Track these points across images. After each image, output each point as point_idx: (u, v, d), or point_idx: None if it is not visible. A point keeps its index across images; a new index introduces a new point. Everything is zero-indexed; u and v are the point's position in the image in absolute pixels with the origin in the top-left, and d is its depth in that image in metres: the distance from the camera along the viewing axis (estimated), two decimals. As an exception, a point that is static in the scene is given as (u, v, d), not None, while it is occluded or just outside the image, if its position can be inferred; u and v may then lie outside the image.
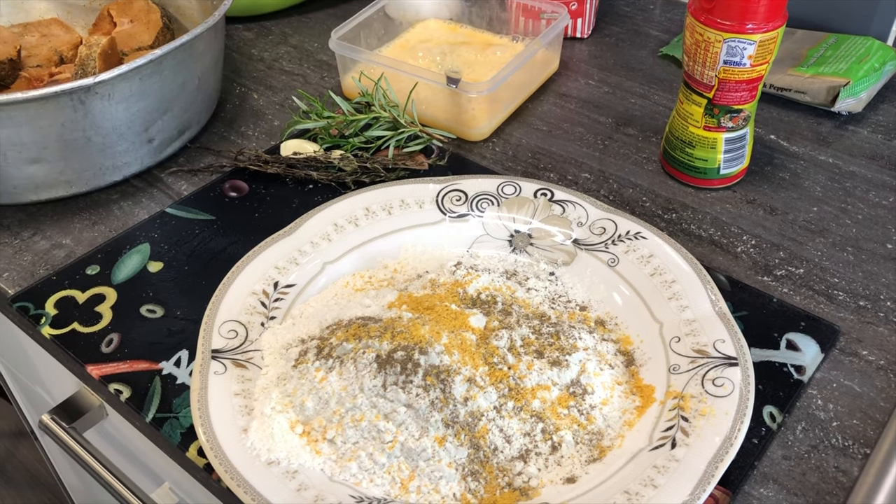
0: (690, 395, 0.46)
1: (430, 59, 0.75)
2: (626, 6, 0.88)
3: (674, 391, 0.46)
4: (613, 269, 0.54)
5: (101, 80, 0.56)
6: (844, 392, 0.49)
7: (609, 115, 0.72)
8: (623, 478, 0.42)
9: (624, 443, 0.45)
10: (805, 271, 0.57)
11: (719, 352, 0.47)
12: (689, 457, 0.42)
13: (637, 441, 0.44)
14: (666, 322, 0.50)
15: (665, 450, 0.43)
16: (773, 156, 0.67)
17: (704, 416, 0.44)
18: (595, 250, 0.55)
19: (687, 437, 0.43)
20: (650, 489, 0.41)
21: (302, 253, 0.55)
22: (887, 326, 0.53)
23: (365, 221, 0.57)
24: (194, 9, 0.77)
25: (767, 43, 0.55)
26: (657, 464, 0.42)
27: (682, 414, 0.45)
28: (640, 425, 0.45)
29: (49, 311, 0.54)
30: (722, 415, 0.44)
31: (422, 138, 0.67)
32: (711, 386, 0.46)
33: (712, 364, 0.47)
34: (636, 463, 0.43)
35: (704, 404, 0.45)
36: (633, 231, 0.55)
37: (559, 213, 0.57)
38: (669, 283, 0.52)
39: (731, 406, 0.44)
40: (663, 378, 0.47)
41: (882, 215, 0.61)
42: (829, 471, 0.45)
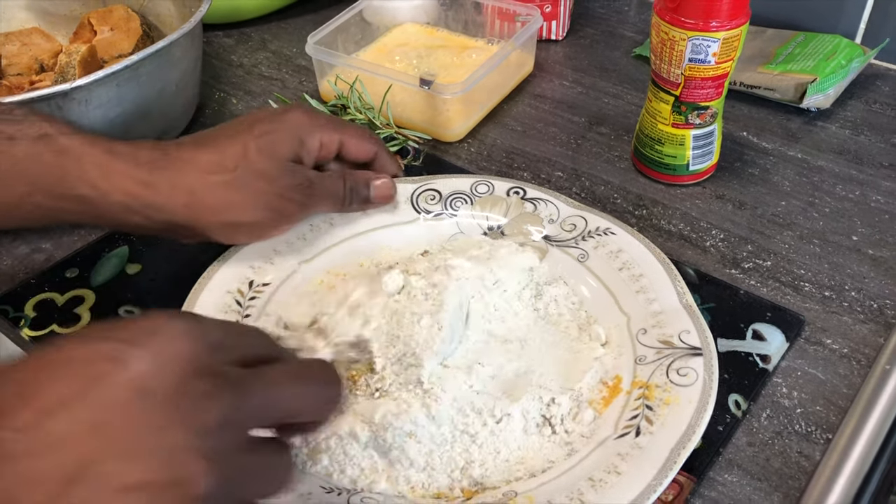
0: (655, 384, 0.46)
1: (406, 63, 0.76)
2: (601, 8, 0.89)
3: (640, 381, 0.47)
4: (583, 264, 0.55)
5: (77, 85, 0.57)
6: (808, 380, 0.50)
7: (582, 115, 0.73)
8: (588, 466, 0.43)
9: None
10: (772, 264, 0.58)
11: (684, 342, 0.48)
12: (653, 444, 0.43)
13: (603, 430, 0.45)
14: (633, 315, 0.51)
15: (629, 438, 0.44)
16: (742, 152, 0.68)
17: (669, 405, 0.45)
18: (566, 246, 0.56)
19: (651, 425, 0.44)
20: (613, 476, 0.42)
21: (277, 252, 0.55)
22: (851, 316, 0.54)
23: (340, 220, 0.58)
24: (174, 16, 0.78)
25: (731, 40, 0.56)
26: (621, 451, 0.43)
27: (646, 403, 0.46)
28: (606, 415, 0.46)
29: (28, 314, 0.55)
30: (686, 403, 0.45)
31: (397, 140, 0.68)
32: (676, 375, 0.46)
33: (677, 354, 0.48)
34: (601, 451, 0.44)
35: (669, 393, 0.46)
36: (602, 227, 0.56)
37: (531, 211, 0.58)
38: (637, 276, 0.53)
39: (694, 394, 0.45)
40: (630, 369, 0.48)
41: (848, 208, 0.62)
42: (793, 456, 0.46)
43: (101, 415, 0.29)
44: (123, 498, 0.28)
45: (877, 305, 0.54)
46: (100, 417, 0.29)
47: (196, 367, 0.31)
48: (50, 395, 0.29)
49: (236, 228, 0.52)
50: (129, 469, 0.28)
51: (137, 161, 0.49)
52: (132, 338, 0.31)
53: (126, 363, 0.30)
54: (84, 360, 0.30)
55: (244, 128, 0.51)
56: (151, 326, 0.32)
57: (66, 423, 0.28)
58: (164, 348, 0.31)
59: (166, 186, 0.48)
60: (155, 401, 0.29)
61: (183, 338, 0.31)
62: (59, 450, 0.28)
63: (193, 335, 0.32)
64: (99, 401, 0.29)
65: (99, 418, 0.29)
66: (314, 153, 0.53)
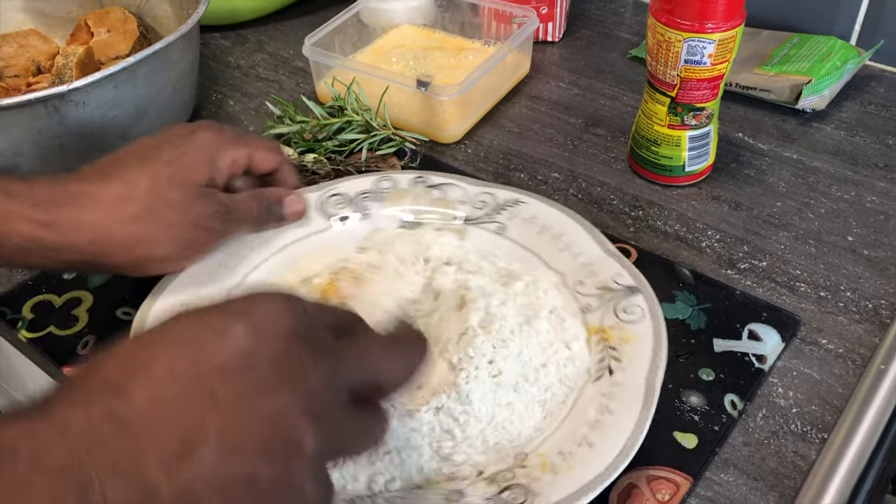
0: (609, 326, 0.49)
1: (403, 64, 0.76)
2: (597, 10, 0.90)
3: (594, 327, 0.50)
4: (504, 237, 0.57)
5: (75, 87, 0.57)
6: (804, 380, 0.50)
7: (579, 117, 0.73)
8: (580, 411, 0.45)
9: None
10: (768, 264, 0.58)
11: (620, 284, 0.51)
12: (629, 379, 0.46)
13: (580, 377, 0.48)
14: (565, 271, 0.53)
15: (606, 378, 0.47)
16: (738, 153, 0.68)
17: (628, 342, 0.48)
18: (482, 223, 0.58)
19: (620, 362, 0.47)
20: (607, 415, 0.44)
21: (203, 284, 0.53)
22: (847, 316, 0.54)
23: (257, 242, 0.56)
24: (170, 18, 0.78)
25: (727, 42, 0.57)
26: (604, 392, 0.46)
27: (608, 345, 0.48)
28: (578, 363, 0.48)
29: (26, 316, 0.55)
30: (642, 337, 0.48)
31: (394, 141, 0.68)
32: (624, 314, 0.50)
33: (618, 296, 0.51)
34: (586, 396, 0.46)
35: (624, 332, 0.49)
36: (511, 199, 0.58)
37: (440, 197, 0.59)
38: (558, 236, 0.55)
39: (646, 328, 0.48)
40: (577, 322, 0.50)
41: (843, 209, 0.63)
42: (788, 455, 0.46)
43: (211, 383, 0.30)
44: (239, 461, 0.29)
45: (872, 306, 0.55)
46: (210, 385, 0.30)
47: (295, 335, 0.32)
48: (161, 366, 0.30)
49: (148, 263, 0.49)
50: (241, 432, 0.30)
51: (34, 200, 0.45)
52: (236, 310, 0.33)
53: (232, 334, 0.31)
54: (192, 333, 0.32)
55: (152, 155, 0.49)
56: (252, 301, 0.33)
57: (178, 392, 0.30)
58: (265, 319, 0.32)
59: (69, 226, 0.46)
60: (261, 367, 0.31)
61: (282, 309, 0.33)
62: (174, 417, 0.29)
63: (291, 307, 0.33)
64: (208, 370, 0.30)
65: (209, 386, 0.30)
66: (226, 172, 0.51)
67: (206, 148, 0.50)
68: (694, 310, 0.54)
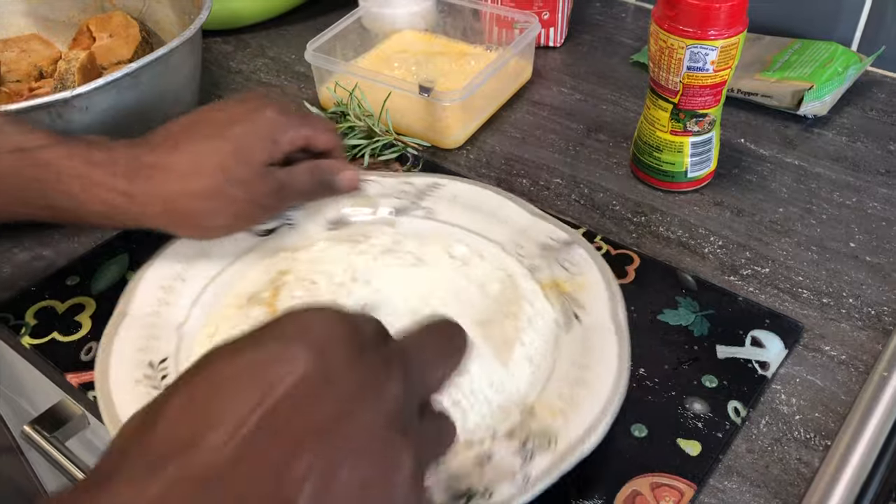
0: (561, 279, 0.53)
1: (405, 70, 0.76)
2: (599, 15, 0.90)
3: (547, 283, 0.53)
4: (434, 220, 0.58)
5: (78, 93, 0.57)
6: (807, 386, 0.50)
7: (581, 122, 0.74)
8: (563, 359, 0.48)
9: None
10: (770, 270, 0.58)
11: (556, 240, 0.55)
12: (596, 320, 0.49)
13: (551, 329, 0.51)
14: (502, 240, 0.56)
15: (576, 325, 0.50)
16: (740, 159, 0.69)
17: (583, 289, 0.52)
18: (408, 212, 0.59)
19: (584, 308, 0.51)
20: (589, 355, 0.48)
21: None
22: (849, 322, 0.54)
23: (192, 273, 0.55)
24: (173, 23, 0.78)
25: (729, 48, 0.57)
26: (578, 337, 0.49)
27: (566, 295, 0.52)
28: (543, 319, 0.51)
29: (29, 322, 0.55)
30: (593, 281, 0.52)
31: (397, 146, 0.69)
32: (569, 265, 0.53)
33: (558, 251, 0.54)
34: (564, 345, 0.49)
35: (575, 280, 0.52)
36: (429, 183, 0.60)
37: (360, 195, 0.60)
38: (485, 210, 0.58)
39: (593, 272, 0.52)
40: (530, 281, 0.53)
41: (845, 215, 0.63)
42: (791, 463, 0.46)
43: (292, 418, 0.28)
44: (341, 493, 0.27)
45: (874, 312, 0.55)
46: (290, 419, 0.28)
47: (357, 348, 0.30)
48: (233, 413, 0.27)
49: (208, 232, 0.53)
50: (337, 463, 0.27)
51: (115, 170, 0.49)
52: (287, 336, 0.30)
53: (294, 361, 0.29)
54: (252, 369, 0.29)
55: (218, 129, 0.51)
56: (300, 320, 0.31)
57: (261, 435, 0.27)
58: (324, 335, 0.30)
59: (144, 196, 0.49)
60: (338, 387, 0.29)
61: (333, 323, 0.31)
62: (262, 462, 0.27)
63: (340, 319, 0.31)
64: (286, 404, 0.28)
65: (289, 420, 0.28)
66: (286, 151, 0.53)
67: (269, 127, 0.52)
68: (697, 316, 0.54)
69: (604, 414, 0.44)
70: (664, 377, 0.50)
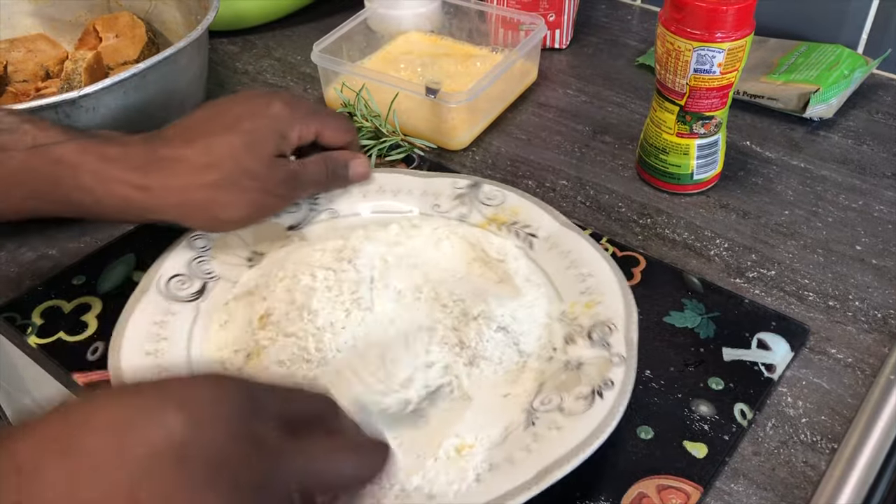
0: (491, 213, 0.59)
1: (411, 71, 0.76)
2: (604, 17, 0.90)
3: (482, 222, 0.58)
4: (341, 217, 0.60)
5: (85, 93, 0.57)
6: (813, 389, 0.50)
7: (586, 124, 0.74)
8: (550, 268, 0.54)
9: None
10: (776, 273, 0.58)
11: (462, 187, 0.60)
12: (546, 230, 0.56)
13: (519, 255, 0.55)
14: (418, 205, 0.60)
15: (534, 241, 0.56)
16: (746, 161, 0.69)
17: (517, 212, 0.58)
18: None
19: (529, 226, 0.57)
20: (571, 254, 0.54)
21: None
22: (856, 325, 0.54)
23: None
24: (179, 23, 0.79)
25: (736, 51, 0.57)
26: (544, 248, 0.55)
27: (506, 224, 0.58)
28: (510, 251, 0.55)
29: (35, 321, 0.55)
30: (518, 204, 0.58)
31: (403, 147, 0.69)
32: (488, 199, 0.59)
33: (470, 194, 0.60)
34: (539, 259, 0.55)
35: (503, 208, 0.59)
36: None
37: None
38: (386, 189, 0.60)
39: (511, 196, 0.59)
40: (471, 227, 0.58)
41: (851, 218, 0.63)
42: (798, 465, 0.46)
43: (136, 478, 0.28)
44: None
45: (881, 315, 0.55)
46: (135, 481, 0.28)
47: (235, 432, 0.30)
48: (82, 451, 0.28)
49: (221, 223, 0.54)
50: None
51: (130, 165, 0.50)
52: (171, 397, 0.30)
53: (165, 425, 0.29)
54: (123, 419, 0.29)
55: (229, 122, 0.52)
56: (192, 385, 0.31)
57: (100, 484, 0.27)
58: (204, 407, 0.30)
59: (159, 189, 0.50)
60: (190, 467, 0.29)
61: (224, 400, 0.31)
62: None
63: (235, 398, 0.31)
64: (135, 463, 0.28)
65: (134, 482, 0.28)
66: (293, 145, 0.55)
67: (278, 121, 0.53)
68: (703, 319, 0.54)
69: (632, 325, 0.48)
70: (670, 379, 0.50)
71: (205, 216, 0.52)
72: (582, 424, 0.43)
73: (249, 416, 0.31)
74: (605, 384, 0.45)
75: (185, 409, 0.29)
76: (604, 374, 0.45)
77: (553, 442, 0.42)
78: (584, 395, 0.45)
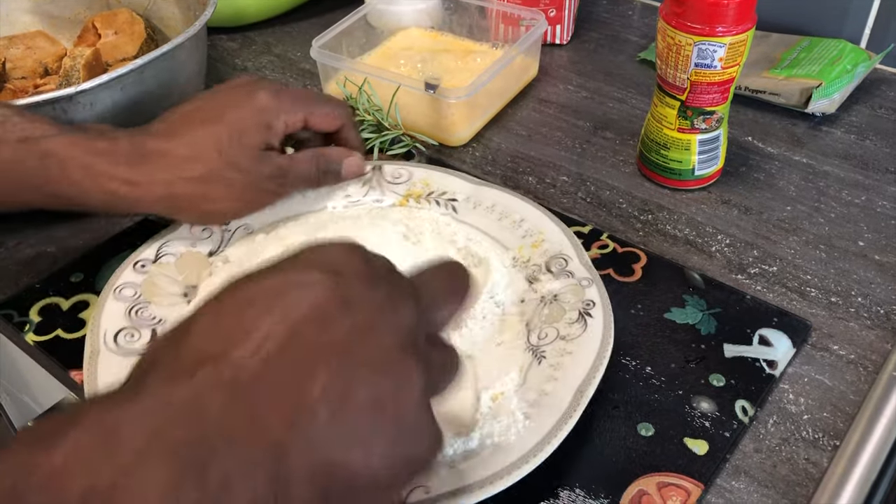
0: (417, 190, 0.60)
1: (411, 67, 0.76)
2: (605, 12, 0.89)
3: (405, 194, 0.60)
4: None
5: (82, 89, 0.57)
6: (815, 386, 0.50)
7: (587, 120, 0.73)
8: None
9: None
10: (778, 269, 0.58)
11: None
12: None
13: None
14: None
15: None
16: (748, 157, 0.68)
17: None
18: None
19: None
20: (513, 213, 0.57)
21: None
22: (858, 321, 0.54)
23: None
24: (178, 20, 0.78)
25: (737, 45, 0.56)
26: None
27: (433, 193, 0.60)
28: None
29: (33, 319, 0.55)
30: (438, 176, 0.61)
31: (405, 142, 0.68)
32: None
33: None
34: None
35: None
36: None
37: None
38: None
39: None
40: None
41: (854, 213, 0.62)
42: (800, 463, 0.46)
43: (314, 335, 0.30)
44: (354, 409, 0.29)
45: (883, 311, 0.54)
46: (314, 337, 0.29)
47: (374, 276, 0.32)
48: (258, 330, 0.29)
49: (209, 216, 0.54)
50: (357, 381, 0.29)
51: (118, 159, 0.50)
52: (309, 264, 0.32)
53: (317, 284, 0.31)
54: (274, 292, 0.31)
55: (214, 115, 0.52)
56: (318, 251, 0.33)
57: (284, 351, 0.29)
58: (341, 264, 0.32)
59: (145, 183, 0.50)
60: (355, 309, 0.31)
61: (352, 252, 0.33)
62: (285, 376, 0.29)
63: (357, 250, 0.33)
64: (307, 323, 0.30)
65: (313, 338, 0.29)
66: (280, 135, 0.54)
67: (263, 112, 0.53)
68: (704, 315, 0.54)
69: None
70: (671, 376, 0.50)
71: (192, 210, 0.52)
72: (587, 342, 0.47)
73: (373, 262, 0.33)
74: (587, 305, 0.50)
75: (327, 269, 0.31)
76: (581, 298, 0.50)
77: (572, 365, 0.46)
78: (574, 319, 0.49)
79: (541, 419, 0.43)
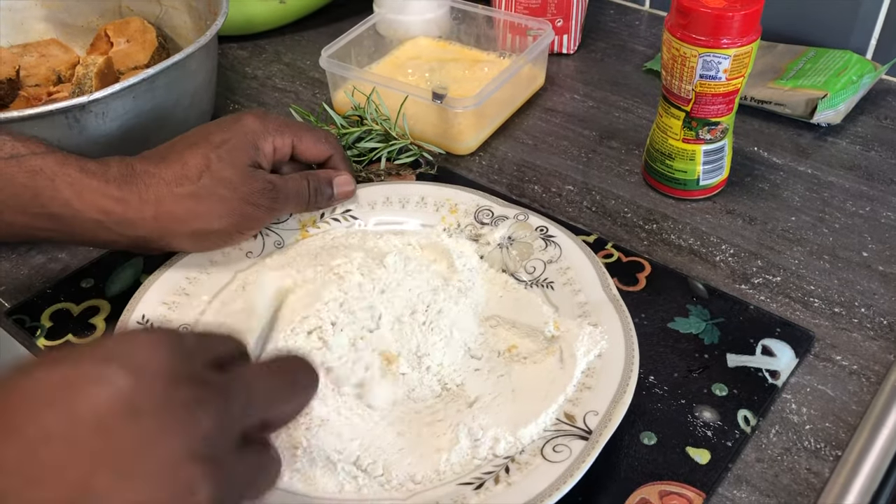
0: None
1: (419, 76, 0.76)
2: (612, 22, 0.90)
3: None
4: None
5: (95, 98, 0.58)
6: (818, 396, 0.50)
7: (593, 129, 0.74)
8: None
9: None
10: (782, 279, 0.58)
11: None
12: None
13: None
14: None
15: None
16: (753, 167, 0.68)
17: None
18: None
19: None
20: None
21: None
22: (861, 332, 0.54)
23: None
24: (189, 28, 0.79)
25: (742, 57, 0.57)
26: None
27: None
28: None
29: (44, 324, 0.56)
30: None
31: (412, 151, 0.69)
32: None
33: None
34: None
35: None
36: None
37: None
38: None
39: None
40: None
41: (858, 224, 0.62)
42: (801, 472, 0.46)
43: (92, 439, 0.28)
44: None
45: (887, 322, 0.55)
46: (92, 442, 0.28)
47: (178, 376, 0.31)
48: (35, 425, 0.28)
49: (204, 237, 0.53)
50: (130, 490, 0.28)
51: (107, 178, 0.50)
52: (108, 356, 0.30)
53: (109, 382, 0.29)
54: (65, 385, 0.29)
55: (202, 138, 0.53)
56: (126, 341, 0.32)
57: (58, 453, 0.27)
58: (143, 362, 0.30)
59: (135, 201, 0.50)
60: (145, 416, 0.29)
61: (159, 349, 0.31)
62: (54, 481, 0.27)
63: (167, 345, 0.31)
64: (88, 425, 0.28)
65: (91, 443, 0.28)
66: (269, 157, 0.55)
67: (249, 133, 0.53)
68: (707, 324, 0.54)
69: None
70: (674, 385, 0.50)
71: (184, 229, 0.51)
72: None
73: (186, 359, 0.31)
74: (541, 230, 0.56)
75: (126, 366, 0.30)
76: (530, 230, 0.56)
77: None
78: (543, 246, 0.55)
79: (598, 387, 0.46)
